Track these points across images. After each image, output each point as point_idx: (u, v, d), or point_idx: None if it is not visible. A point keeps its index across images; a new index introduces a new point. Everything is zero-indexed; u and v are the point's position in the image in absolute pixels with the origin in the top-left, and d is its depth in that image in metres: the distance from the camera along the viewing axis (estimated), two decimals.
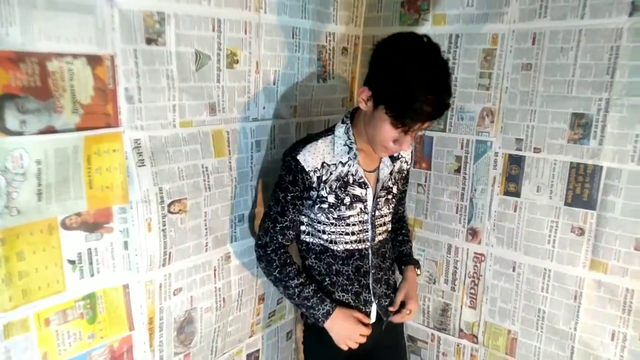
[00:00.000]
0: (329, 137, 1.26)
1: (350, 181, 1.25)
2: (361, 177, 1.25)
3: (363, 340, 1.29)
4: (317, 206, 1.26)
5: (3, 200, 0.92)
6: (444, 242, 1.65)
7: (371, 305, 1.36)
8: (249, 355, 1.60)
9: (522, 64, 1.37)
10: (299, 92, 1.52)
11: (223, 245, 1.38)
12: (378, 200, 1.30)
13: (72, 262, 1.05)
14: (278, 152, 1.46)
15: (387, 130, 1.11)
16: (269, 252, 1.29)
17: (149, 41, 1.09)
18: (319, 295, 1.29)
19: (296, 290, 1.28)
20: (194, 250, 1.29)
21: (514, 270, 1.50)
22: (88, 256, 1.08)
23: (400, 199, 1.51)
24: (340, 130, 1.26)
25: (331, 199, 1.25)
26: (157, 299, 1.23)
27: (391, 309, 1.40)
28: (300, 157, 1.21)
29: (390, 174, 1.32)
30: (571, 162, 1.34)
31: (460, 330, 1.67)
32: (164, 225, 1.19)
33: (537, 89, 1.35)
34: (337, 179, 1.24)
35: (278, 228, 1.26)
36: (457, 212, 1.60)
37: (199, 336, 1.37)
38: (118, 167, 1.09)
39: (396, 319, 1.40)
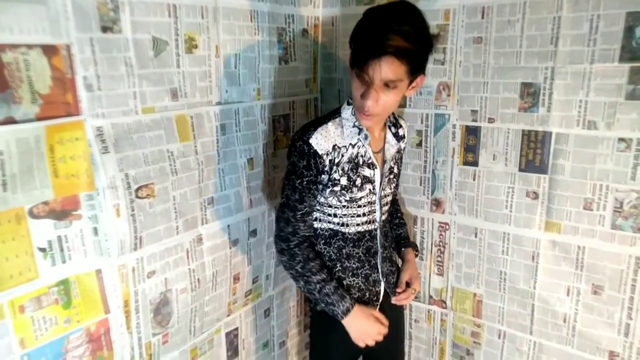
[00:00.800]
0: (337, 119, 1.28)
1: (360, 162, 1.28)
2: (370, 158, 1.29)
3: (380, 338, 1.33)
4: (328, 190, 1.28)
5: None
6: (411, 214, 1.71)
7: (380, 285, 1.41)
8: (227, 334, 1.65)
9: (474, 38, 1.43)
10: (261, 74, 1.55)
11: (194, 227, 1.41)
12: (383, 180, 1.35)
13: (42, 249, 1.08)
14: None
15: (354, 86, 1.16)
16: (292, 245, 1.30)
17: (105, 29, 1.11)
18: (339, 292, 1.30)
19: (317, 286, 1.29)
20: (165, 233, 1.32)
21: (476, 236, 1.58)
22: (58, 243, 1.10)
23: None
24: (346, 112, 1.28)
25: (344, 181, 1.27)
26: (131, 282, 1.26)
27: (398, 290, 1.45)
28: (312, 141, 1.22)
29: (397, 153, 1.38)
30: (523, 130, 1.41)
31: (430, 297, 1.75)
32: (133, 210, 1.22)
33: (488, 61, 1.41)
34: (349, 161, 1.27)
35: (299, 215, 1.27)
36: (420, 184, 1.66)
37: (175, 317, 1.41)
38: (82, 155, 1.11)
39: (401, 297, 1.45)
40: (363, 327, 1.32)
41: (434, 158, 1.60)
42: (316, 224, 1.36)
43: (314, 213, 1.34)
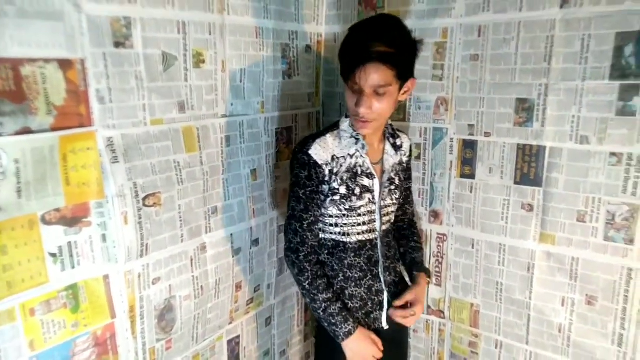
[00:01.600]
0: (335, 131, 1.34)
1: (359, 172, 1.33)
2: (368, 168, 1.34)
3: None
4: (328, 199, 1.32)
5: None
6: None
7: (382, 294, 1.44)
8: (229, 341, 1.67)
9: (470, 55, 1.48)
10: (266, 88, 1.61)
11: (198, 236, 1.45)
12: (383, 190, 1.39)
13: (53, 255, 1.12)
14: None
15: (348, 97, 1.23)
16: (301, 258, 1.32)
17: (117, 44, 1.16)
18: (344, 314, 1.32)
19: (323, 305, 1.32)
20: (170, 241, 1.36)
21: (473, 247, 1.62)
22: (68, 249, 1.14)
23: (407, 196, 1.56)
24: (345, 124, 1.34)
25: (343, 190, 1.31)
26: (137, 288, 1.30)
27: (396, 303, 1.42)
28: (312, 152, 1.28)
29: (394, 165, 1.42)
30: (518, 144, 1.45)
31: (429, 307, 1.78)
32: (140, 218, 1.27)
33: (485, 77, 1.47)
34: (347, 171, 1.31)
35: (305, 225, 1.31)
36: (419, 196, 1.70)
37: (179, 323, 1.44)
38: (93, 165, 1.16)
39: (398, 314, 1.41)
40: (360, 349, 1.34)
41: (432, 171, 1.65)
42: (320, 235, 1.40)
43: (319, 223, 1.38)
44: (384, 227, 1.43)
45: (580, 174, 1.36)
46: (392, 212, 1.47)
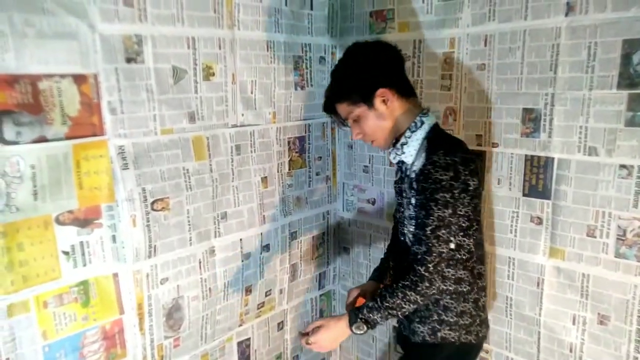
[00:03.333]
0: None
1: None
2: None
3: None
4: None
5: (3, 200, 1.09)
6: None
7: None
8: (239, 343, 1.73)
9: (477, 65, 1.46)
10: (277, 99, 1.66)
11: (207, 240, 1.52)
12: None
13: (66, 253, 1.22)
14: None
15: None
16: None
17: (129, 60, 1.26)
18: None
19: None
20: (178, 244, 1.44)
21: None
22: (80, 248, 1.24)
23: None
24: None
25: None
26: (145, 287, 1.38)
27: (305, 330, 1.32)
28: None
29: None
30: (526, 155, 1.41)
31: None
32: (148, 221, 1.35)
33: (492, 87, 1.44)
34: None
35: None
36: None
37: (187, 322, 1.51)
38: (104, 170, 1.26)
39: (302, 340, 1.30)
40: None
41: None
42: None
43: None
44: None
45: (589, 187, 1.30)
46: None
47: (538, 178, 1.40)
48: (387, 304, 1.16)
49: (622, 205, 1.26)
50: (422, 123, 1.23)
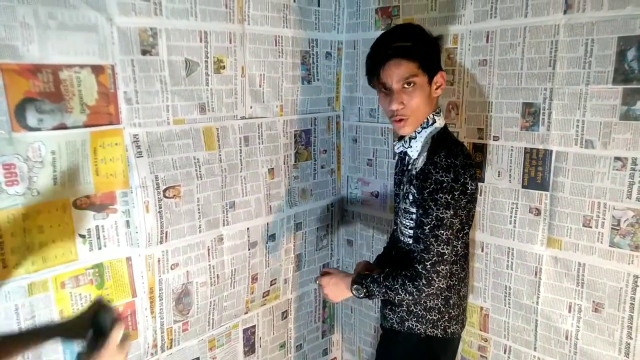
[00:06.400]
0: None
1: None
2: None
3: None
4: None
5: (26, 183, 1.15)
6: None
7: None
8: (245, 330, 1.78)
9: (479, 60, 1.51)
10: (284, 93, 1.72)
11: (216, 227, 1.58)
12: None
13: (82, 236, 1.27)
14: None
15: (381, 101, 1.29)
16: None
17: (144, 52, 1.31)
18: None
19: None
20: (189, 230, 1.49)
21: (482, 251, 1.63)
22: (96, 232, 1.30)
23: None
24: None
25: None
26: (157, 271, 1.43)
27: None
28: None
29: None
30: (525, 148, 1.46)
31: None
32: (160, 208, 1.40)
33: (493, 82, 1.49)
34: None
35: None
36: None
37: (195, 307, 1.56)
38: (120, 158, 1.31)
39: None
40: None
41: None
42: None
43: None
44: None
45: (585, 178, 1.35)
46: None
47: (537, 170, 1.45)
48: (387, 284, 1.25)
49: (616, 196, 1.31)
50: (434, 122, 1.27)
